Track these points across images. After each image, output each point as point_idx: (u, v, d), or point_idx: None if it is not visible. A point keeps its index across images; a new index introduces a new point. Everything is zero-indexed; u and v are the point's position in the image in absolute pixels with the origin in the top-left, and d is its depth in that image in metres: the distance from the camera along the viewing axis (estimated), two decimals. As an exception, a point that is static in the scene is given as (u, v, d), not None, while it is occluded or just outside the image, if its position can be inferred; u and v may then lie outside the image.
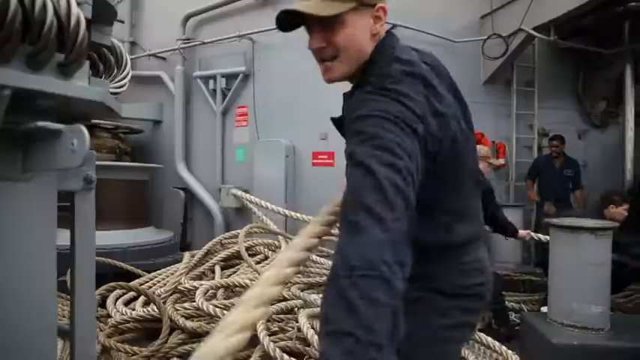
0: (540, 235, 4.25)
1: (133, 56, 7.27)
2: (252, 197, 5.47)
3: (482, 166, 4.06)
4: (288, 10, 1.14)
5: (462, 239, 1.29)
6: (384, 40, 1.21)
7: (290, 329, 3.20)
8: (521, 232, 4.08)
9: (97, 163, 1.07)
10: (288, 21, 1.19)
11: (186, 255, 4.47)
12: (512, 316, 4.18)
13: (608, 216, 4.21)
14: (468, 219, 1.32)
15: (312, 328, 2.97)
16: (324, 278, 3.90)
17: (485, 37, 5.59)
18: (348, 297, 0.78)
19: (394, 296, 0.80)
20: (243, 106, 6.60)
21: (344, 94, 1.32)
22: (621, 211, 4.16)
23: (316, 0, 1.12)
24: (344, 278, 0.80)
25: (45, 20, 0.73)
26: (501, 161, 5.92)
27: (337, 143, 6.06)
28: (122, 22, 7.22)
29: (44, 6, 0.73)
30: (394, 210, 0.87)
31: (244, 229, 4.61)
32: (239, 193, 5.66)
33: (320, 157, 5.92)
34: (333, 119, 1.37)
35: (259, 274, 3.88)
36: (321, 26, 1.16)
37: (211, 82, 6.73)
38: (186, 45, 6.92)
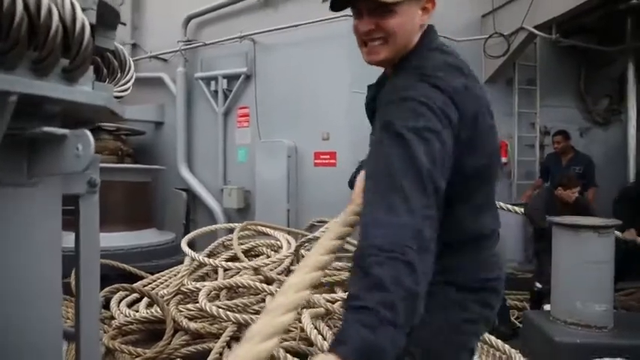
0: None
1: (134, 58, 7.29)
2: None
3: None
4: None
5: (486, 232, 1.32)
6: (428, 32, 1.27)
7: (293, 330, 3.21)
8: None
9: (99, 165, 1.08)
10: (338, 2, 1.21)
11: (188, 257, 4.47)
12: (516, 314, 4.19)
13: (558, 197, 4.31)
14: (491, 211, 1.35)
15: (316, 328, 2.97)
16: (327, 278, 3.90)
17: (487, 36, 5.58)
18: (376, 275, 0.83)
19: (418, 282, 0.85)
20: (244, 107, 6.61)
21: (369, 86, 1.38)
22: (569, 194, 4.23)
23: None
24: (371, 256, 0.86)
25: (50, 26, 0.74)
26: (503, 160, 5.89)
27: (339, 143, 6.09)
28: (124, 24, 7.16)
29: (49, 12, 0.73)
30: (428, 197, 0.93)
31: (237, 230, 4.60)
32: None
33: (322, 157, 5.92)
34: (369, 87, 1.40)
35: (259, 273, 3.89)
36: (374, 11, 1.17)
37: (213, 83, 6.74)
38: (188, 46, 6.94)
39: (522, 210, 4.41)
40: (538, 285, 4.18)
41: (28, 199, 0.91)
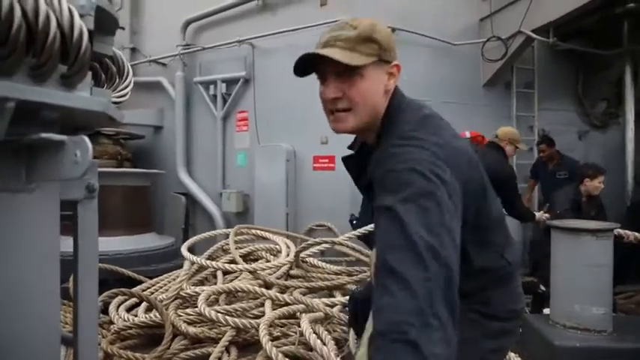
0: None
1: (133, 62, 7.31)
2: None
3: (508, 149, 4.08)
4: (312, 55, 1.14)
5: (513, 266, 1.35)
6: (395, 94, 1.24)
7: (292, 334, 3.20)
8: (538, 215, 4.10)
9: (99, 169, 1.08)
10: (303, 67, 1.20)
11: (188, 261, 4.47)
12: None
13: (584, 192, 4.21)
14: (511, 246, 1.39)
15: (315, 333, 2.97)
16: (326, 282, 3.90)
17: (485, 40, 5.60)
18: None
19: (425, 357, 0.80)
20: (243, 111, 6.62)
21: (344, 158, 1.42)
22: (596, 184, 4.15)
23: (338, 50, 1.13)
24: (373, 344, 0.84)
25: (48, 33, 0.74)
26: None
27: (338, 147, 6.08)
28: (123, 28, 7.25)
29: (47, 18, 0.74)
30: (426, 267, 0.87)
31: (232, 234, 4.61)
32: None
33: (321, 161, 5.93)
34: (346, 161, 1.44)
35: (258, 277, 3.88)
36: (339, 76, 1.16)
37: (212, 87, 6.75)
38: (187, 51, 6.95)
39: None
40: (542, 288, 4.15)
41: (26, 205, 0.91)
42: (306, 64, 1.20)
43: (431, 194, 0.96)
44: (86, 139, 0.79)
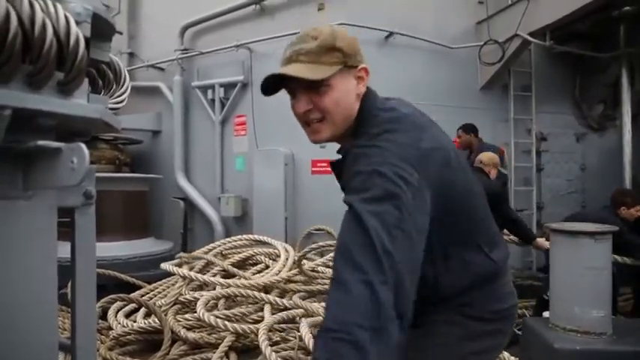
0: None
1: (131, 67, 7.31)
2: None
3: (493, 172, 4.10)
4: (277, 75, 1.15)
5: (496, 266, 1.30)
6: (367, 97, 1.24)
7: (292, 339, 3.20)
8: (539, 240, 3.98)
9: (97, 174, 1.08)
10: (271, 85, 1.22)
11: (186, 266, 4.46)
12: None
13: (620, 217, 4.14)
14: (499, 244, 1.34)
15: (314, 337, 2.96)
16: (326, 287, 3.89)
17: (482, 43, 5.62)
18: (318, 358, 0.81)
19: None
20: (241, 115, 6.62)
21: (338, 151, 1.35)
22: (633, 212, 4.08)
23: (302, 65, 1.15)
24: (319, 338, 0.84)
25: (45, 40, 0.74)
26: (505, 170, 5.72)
27: (336, 151, 6.07)
28: (120, 33, 7.26)
29: (44, 26, 0.74)
30: (382, 272, 0.87)
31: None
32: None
33: (319, 165, 5.93)
34: (333, 165, 1.40)
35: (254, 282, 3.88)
36: (307, 90, 1.18)
37: (210, 91, 6.75)
38: (184, 55, 6.95)
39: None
40: (547, 295, 4.06)
41: (23, 213, 0.90)
42: (273, 83, 1.21)
43: (392, 196, 0.95)
44: (83, 146, 0.79)
